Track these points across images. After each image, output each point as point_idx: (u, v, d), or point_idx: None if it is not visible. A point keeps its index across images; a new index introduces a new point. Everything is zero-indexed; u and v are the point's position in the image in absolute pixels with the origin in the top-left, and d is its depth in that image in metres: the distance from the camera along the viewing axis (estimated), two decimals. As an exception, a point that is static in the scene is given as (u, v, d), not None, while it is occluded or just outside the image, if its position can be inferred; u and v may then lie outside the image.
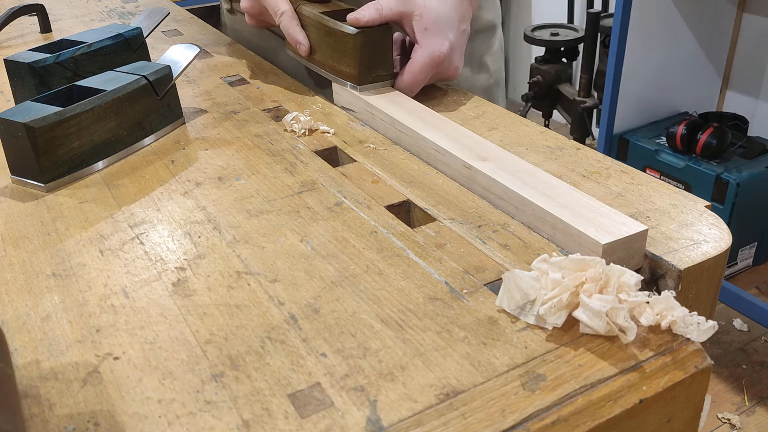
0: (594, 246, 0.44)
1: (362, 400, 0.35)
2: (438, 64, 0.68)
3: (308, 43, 0.72)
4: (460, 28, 0.70)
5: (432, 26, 0.68)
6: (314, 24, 0.71)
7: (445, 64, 0.69)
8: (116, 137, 0.62)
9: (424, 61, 0.68)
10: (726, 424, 1.59)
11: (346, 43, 0.68)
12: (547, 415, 0.33)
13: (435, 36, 0.68)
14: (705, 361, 0.37)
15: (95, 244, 0.49)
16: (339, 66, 0.70)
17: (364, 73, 0.68)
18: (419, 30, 0.68)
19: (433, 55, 0.68)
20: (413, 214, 0.54)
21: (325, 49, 0.72)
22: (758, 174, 1.90)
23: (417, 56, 0.68)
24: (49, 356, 0.39)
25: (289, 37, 0.73)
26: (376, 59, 0.69)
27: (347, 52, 0.68)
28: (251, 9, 0.76)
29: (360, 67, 0.68)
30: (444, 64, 0.69)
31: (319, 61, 0.73)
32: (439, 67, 0.69)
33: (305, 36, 0.72)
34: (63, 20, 1.09)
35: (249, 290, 0.43)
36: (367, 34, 0.67)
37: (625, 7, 1.84)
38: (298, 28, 0.72)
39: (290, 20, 0.72)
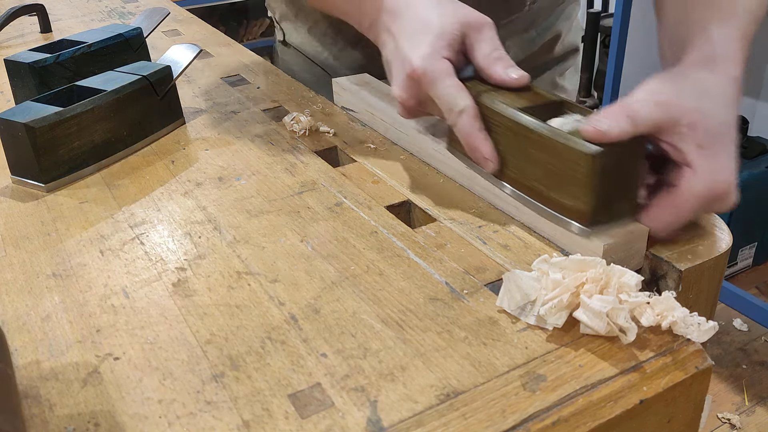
0: (594, 246, 0.44)
1: (363, 400, 0.35)
2: (718, 197, 0.46)
3: (497, 158, 0.51)
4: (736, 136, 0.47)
5: (710, 142, 0.45)
6: (510, 127, 0.49)
7: (726, 197, 0.46)
8: (116, 137, 0.62)
9: (700, 193, 0.45)
10: (726, 424, 1.59)
11: (573, 164, 0.45)
12: (548, 416, 0.33)
13: (715, 156, 0.45)
14: (705, 361, 0.37)
15: (95, 244, 0.49)
16: (554, 194, 0.47)
17: (601, 208, 0.45)
18: (691, 146, 0.45)
19: (715, 187, 0.45)
20: (413, 215, 0.54)
21: (527, 166, 0.49)
22: (758, 174, 1.90)
23: (689, 186, 0.45)
24: (49, 356, 0.39)
25: (469, 146, 0.51)
26: (619, 189, 0.45)
27: (574, 178, 0.45)
28: (408, 100, 0.54)
29: (596, 201, 0.45)
30: (724, 198, 0.46)
31: (515, 180, 0.50)
32: (716, 201, 0.46)
33: (492, 147, 0.50)
34: (63, 20, 1.09)
35: (249, 290, 0.43)
36: (611, 154, 0.43)
37: (625, 7, 1.84)
38: (482, 134, 0.50)
39: (473, 122, 0.50)
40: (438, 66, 0.50)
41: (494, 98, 0.50)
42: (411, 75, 0.51)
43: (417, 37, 0.52)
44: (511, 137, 0.49)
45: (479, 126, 0.50)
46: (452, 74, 0.50)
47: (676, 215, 0.46)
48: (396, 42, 0.53)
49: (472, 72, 0.53)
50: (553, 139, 0.45)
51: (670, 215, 0.46)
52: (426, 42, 0.51)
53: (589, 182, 0.44)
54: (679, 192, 0.45)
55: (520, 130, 0.48)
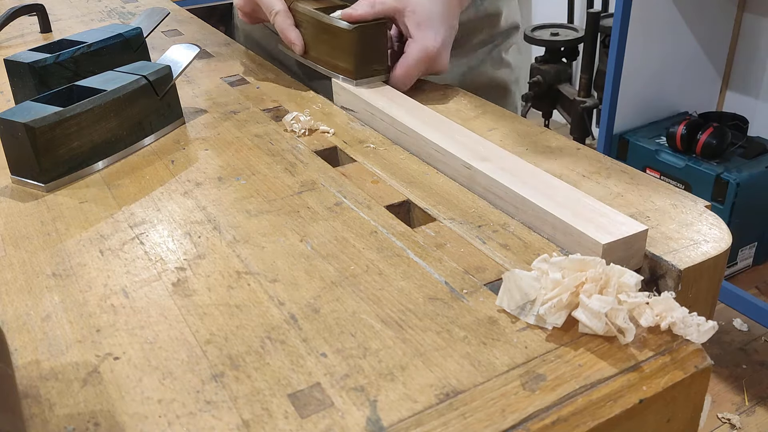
0: (594, 246, 0.44)
1: (362, 400, 0.35)
2: (431, 58, 0.69)
3: (302, 43, 0.74)
4: (450, 23, 0.71)
5: (425, 21, 0.69)
6: (309, 21, 0.72)
7: (437, 58, 0.70)
8: (116, 137, 0.62)
9: (418, 55, 0.69)
10: (726, 424, 1.59)
11: (341, 38, 0.69)
12: (547, 415, 0.33)
13: (427, 30, 0.69)
14: (705, 361, 0.37)
15: (95, 244, 0.49)
16: (335, 61, 0.71)
17: (360, 68, 0.70)
18: (412, 25, 0.69)
19: (426, 49, 0.69)
20: (413, 214, 0.54)
21: (320, 46, 0.73)
22: (758, 174, 1.90)
23: (411, 50, 0.69)
24: (49, 356, 0.39)
25: (283, 36, 0.74)
26: (372, 54, 0.70)
27: (343, 47, 0.70)
28: (244, 6, 0.77)
29: (356, 62, 0.69)
30: (436, 58, 0.70)
31: (315, 57, 0.74)
32: (431, 61, 0.70)
33: (299, 35, 0.74)
34: (63, 20, 1.09)
35: (249, 290, 0.43)
36: (362, 29, 0.68)
37: (625, 7, 1.84)
38: (292, 27, 0.74)
39: (284, 19, 0.73)
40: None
41: (300, 3, 0.73)
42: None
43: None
44: (310, 28, 0.73)
45: (290, 22, 0.74)
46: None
47: (406, 72, 0.70)
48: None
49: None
50: (329, 23, 0.70)
51: (401, 72, 0.70)
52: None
53: (350, 49, 0.69)
54: (405, 55, 0.70)
55: (315, 22, 0.72)
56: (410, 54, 0.69)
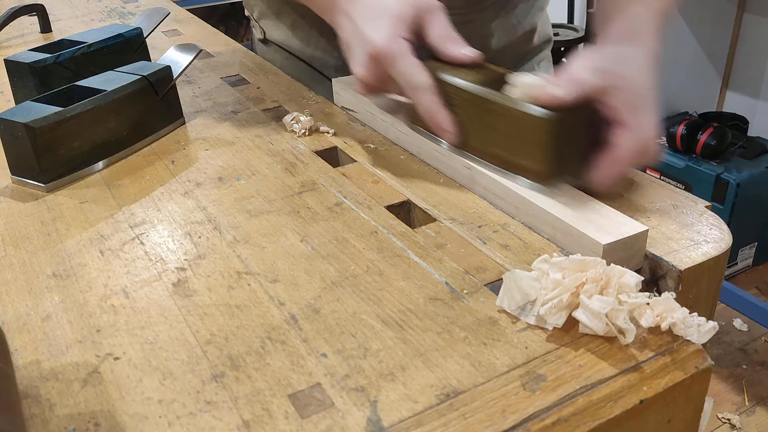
0: (594, 246, 0.44)
1: (363, 400, 0.35)
2: (646, 151, 0.52)
3: (457, 129, 0.55)
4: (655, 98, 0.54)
5: (638, 102, 0.51)
6: (469, 100, 0.53)
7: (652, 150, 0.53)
8: (116, 137, 0.62)
9: (635, 148, 0.51)
10: (726, 424, 1.59)
11: (531, 129, 0.50)
12: (548, 416, 0.33)
13: (643, 114, 0.52)
14: (705, 361, 0.37)
15: (95, 244, 0.49)
16: (512, 157, 0.52)
17: (555, 168, 0.50)
18: (625, 107, 0.51)
19: (644, 141, 0.51)
20: (413, 215, 0.54)
21: (487, 133, 0.53)
22: (758, 174, 1.90)
23: (624, 142, 0.51)
24: (49, 356, 0.39)
25: (430, 120, 0.56)
26: (570, 149, 0.51)
27: (530, 140, 0.50)
28: (370, 78, 0.57)
29: (552, 161, 0.50)
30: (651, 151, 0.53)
31: (476, 149, 0.55)
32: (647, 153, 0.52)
33: (451, 120, 0.55)
34: (63, 20, 1.09)
35: (249, 290, 0.43)
36: (565, 118, 0.49)
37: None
38: (442, 108, 0.55)
39: (432, 98, 0.55)
40: (398, 46, 0.54)
41: (451, 74, 0.54)
42: (373, 54, 0.55)
43: (375, 19, 0.56)
44: (469, 108, 0.54)
45: (438, 101, 0.55)
46: (411, 53, 0.54)
47: (616, 167, 0.52)
48: (355, 24, 0.57)
49: (426, 53, 0.56)
50: (511, 107, 0.50)
51: (613, 167, 0.51)
52: (386, 24, 0.55)
53: (542, 143, 0.49)
54: (617, 146, 0.51)
55: (478, 101, 0.52)
56: (624, 146, 0.51)
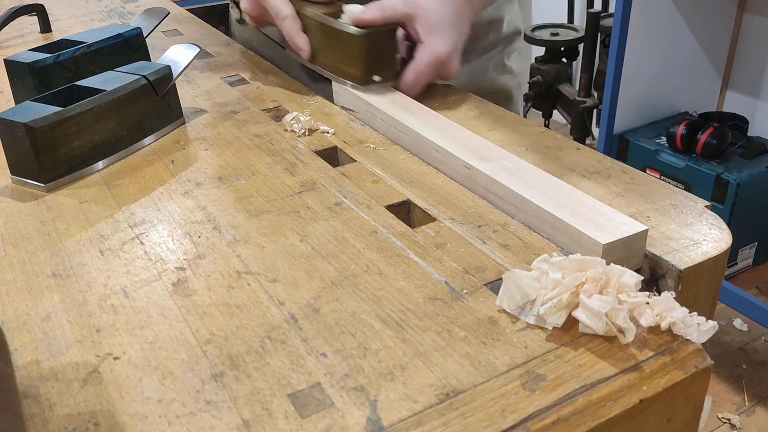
0: (594, 246, 0.44)
1: (362, 400, 0.35)
2: (441, 63, 0.69)
3: (310, 48, 0.72)
4: (461, 28, 0.71)
5: (435, 26, 0.68)
6: (317, 26, 0.71)
7: (447, 63, 0.69)
8: (116, 137, 0.62)
9: (428, 60, 0.68)
10: (726, 424, 1.59)
11: (350, 44, 0.68)
12: (548, 415, 0.33)
13: (438, 35, 0.68)
14: (705, 361, 0.37)
15: (95, 244, 0.49)
16: (342, 67, 0.70)
17: (368, 73, 0.68)
18: (423, 30, 0.68)
19: (437, 55, 0.68)
20: (413, 214, 0.54)
21: (328, 51, 0.71)
22: (758, 174, 1.90)
23: (421, 55, 0.68)
24: (49, 356, 0.39)
25: (291, 41, 0.73)
26: (381, 60, 0.69)
27: (351, 53, 0.68)
28: (252, 11, 0.76)
29: (364, 67, 0.68)
30: (446, 63, 0.69)
31: (322, 62, 0.73)
32: (441, 66, 0.69)
33: (307, 40, 0.72)
34: (63, 20, 1.09)
35: (249, 290, 0.43)
36: (371, 34, 0.67)
37: (625, 7, 1.84)
38: (300, 32, 0.72)
39: (292, 24, 0.71)
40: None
41: (308, 8, 0.71)
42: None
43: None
44: (318, 33, 0.71)
45: (298, 27, 0.72)
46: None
47: (416, 78, 0.69)
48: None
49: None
50: (338, 28, 0.68)
51: (411, 78, 0.69)
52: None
53: (358, 54, 0.68)
54: (416, 61, 0.69)
55: (322, 26, 0.70)
56: (420, 59, 0.68)
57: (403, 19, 0.68)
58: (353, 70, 0.69)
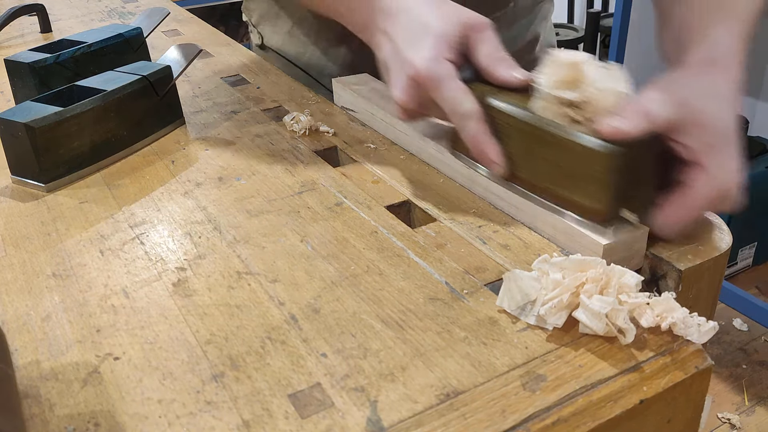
0: (594, 246, 0.44)
1: (362, 400, 0.35)
2: (725, 197, 0.46)
3: (505, 161, 0.50)
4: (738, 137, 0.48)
5: (718, 142, 0.45)
6: (520, 128, 0.48)
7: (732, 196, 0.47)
8: (116, 137, 0.62)
9: (711, 191, 0.45)
10: (726, 424, 1.59)
11: (588, 162, 0.44)
12: (548, 416, 0.33)
13: (723, 155, 0.46)
14: (705, 361, 0.37)
15: (95, 244, 0.49)
16: (567, 193, 0.47)
17: (614, 207, 0.45)
18: (702, 146, 0.45)
19: (724, 185, 0.46)
20: (413, 214, 0.54)
21: (540, 165, 0.48)
22: (758, 174, 1.91)
23: (702, 184, 0.45)
24: (49, 356, 0.39)
25: (476, 150, 0.51)
26: (633, 188, 0.45)
27: (589, 175, 0.45)
28: (411, 103, 0.52)
29: (612, 199, 0.44)
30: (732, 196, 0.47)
31: (527, 181, 0.49)
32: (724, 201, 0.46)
33: (500, 150, 0.50)
34: (63, 20, 1.09)
35: (249, 290, 0.43)
36: (629, 153, 0.43)
37: (625, 7, 1.84)
38: (490, 138, 0.50)
39: (479, 126, 0.50)
40: (441, 68, 0.49)
41: (500, 99, 0.49)
42: (414, 78, 0.50)
43: (417, 39, 0.50)
44: (519, 137, 0.48)
45: (486, 129, 0.50)
46: (456, 77, 0.49)
47: (689, 213, 0.46)
48: (394, 44, 0.52)
49: (473, 74, 0.52)
50: (568, 138, 0.45)
51: (683, 213, 0.45)
52: (428, 44, 0.49)
53: (604, 179, 0.44)
54: (692, 190, 0.45)
55: (530, 130, 0.47)
56: (699, 191, 0.45)
57: (672, 127, 0.45)
58: (590, 201, 0.45)
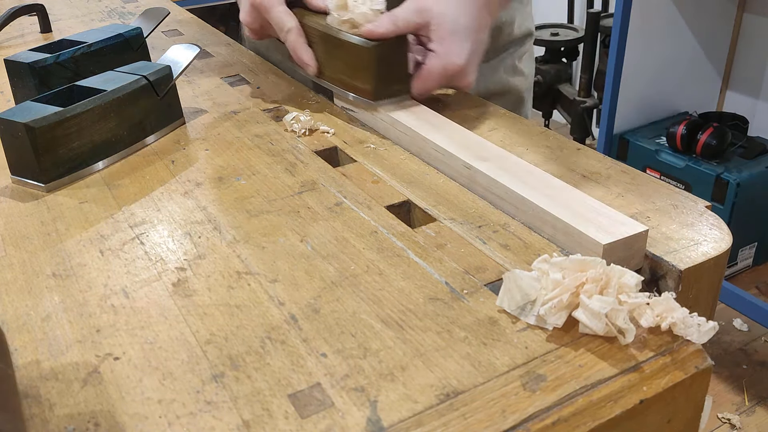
0: (594, 246, 0.44)
1: (362, 400, 0.35)
2: (453, 74, 0.65)
3: (316, 63, 0.68)
4: (479, 37, 0.66)
5: (449, 36, 0.64)
6: (322, 37, 0.67)
7: (461, 74, 0.65)
8: (116, 137, 0.62)
9: (437, 70, 0.64)
10: (726, 424, 1.59)
11: (360, 57, 0.64)
12: (548, 416, 0.33)
13: (452, 45, 0.64)
14: (705, 361, 0.37)
15: (95, 244, 0.49)
16: (352, 81, 0.66)
17: (380, 87, 0.64)
18: (436, 39, 0.64)
19: (447, 65, 0.64)
20: (413, 214, 0.54)
21: (335, 63, 0.67)
22: (758, 174, 1.90)
23: (431, 64, 0.64)
24: (49, 356, 0.39)
25: (295, 55, 0.69)
26: (392, 73, 0.65)
27: (361, 66, 0.64)
28: (252, 23, 0.71)
29: (376, 81, 0.64)
30: (459, 74, 0.65)
31: (329, 76, 0.69)
32: (453, 77, 0.65)
33: (312, 55, 0.68)
34: (63, 20, 1.09)
35: (249, 290, 0.43)
36: (383, 47, 0.62)
37: (625, 7, 1.84)
38: (305, 46, 0.68)
39: (297, 38, 0.67)
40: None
41: (312, 19, 0.67)
42: (252, 3, 0.69)
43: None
44: (323, 44, 0.67)
45: (302, 41, 0.68)
46: (282, 3, 0.68)
47: (423, 87, 0.65)
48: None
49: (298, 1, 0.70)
50: (347, 40, 0.64)
51: (418, 86, 0.65)
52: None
53: (369, 68, 0.63)
54: (425, 69, 0.65)
55: (329, 39, 0.66)
56: (430, 68, 0.64)
57: (416, 29, 0.64)
58: (364, 84, 0.65)
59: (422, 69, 0.65)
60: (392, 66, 0.64)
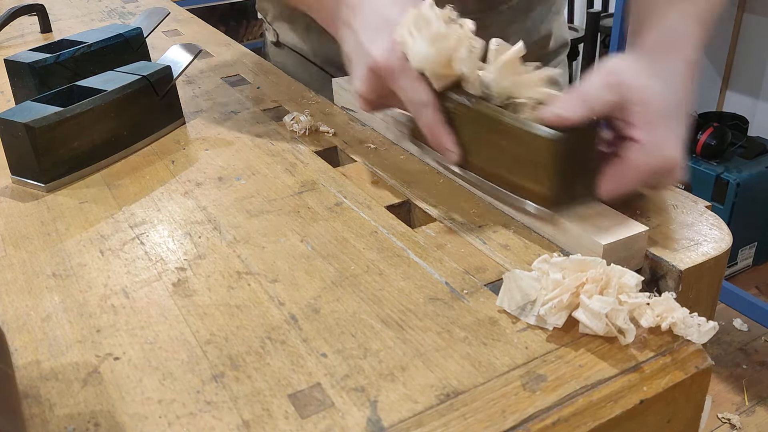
0: (594, 246, 0.44)
1: (362, 400, 0.35)
2: (663, 172, 0.48)
3: (459, 149, 0.52)
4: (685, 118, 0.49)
5: (658, 120, 0.47)
6: (474, 118, 0.50)
7: (672, 172, 0.48)
8: (116, 137, 0.62)
9: (644, 167, 0.47)
10: (726, 424, 1.59)
11: (536, 150, 0.46)
12: (548, 416, 0.33)
13: (664, 132, 0.47)
14: (705, 361, 0.37)
15: (95, 244, 0.49)
16: (516, 179, 0.49)
17: (562, 191, 0.47)
18: (641, 123, 0.47)
19: (658, 160, 0.47)
20: (413, 214, 0.54)
21: (489, 151, 0.50)
22: (758, 174, 1.90)
23: (635, 159, 0.47)
24: (49, 356, 0.39)
25: (434, 140, 0.53)
26: (578, 172, 0.47)
27: (537, 162, 0.47)
28: (369, 93, 0.54)
29: (559, 184, 0.47)
30: (670, 172, 0.48)
31: (478, 167, 0.52)
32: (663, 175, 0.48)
33: (454, 139, 0.52)
34: (63, 20, 1.09)
35: (249, 290, 0.43)
36: (571, 138, 0.45)
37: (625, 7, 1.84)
38: (444, 127, 0.52)
39: (434, 115, 0.51)
40: (398, 59, 0.51)
41: (454, 89, 0.51)
42: (372, 68, 0.52)
43: (377, 31, 0.52)
44: (473, 126, 0.51)
45: (441, 118, 0.52)
46: (412, 67, 0.51)
47: (621, 184, 0.48)
48: (356, 36, 0.54)
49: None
50: (515, 125, 0.47)
51: (615, 184, 0.48)
52: (386, 36, 0.51)
53: (550, 166, 0.46)
54: (625, 163, 0.47)
55: (481, 119, 0.49)
56: (632, 164, 0.47)
57: (613, 110, 0.47)
58: (538, 186, 0.47)
59: (619, 165, 0.48)
60: (578, 163, 0.47)
